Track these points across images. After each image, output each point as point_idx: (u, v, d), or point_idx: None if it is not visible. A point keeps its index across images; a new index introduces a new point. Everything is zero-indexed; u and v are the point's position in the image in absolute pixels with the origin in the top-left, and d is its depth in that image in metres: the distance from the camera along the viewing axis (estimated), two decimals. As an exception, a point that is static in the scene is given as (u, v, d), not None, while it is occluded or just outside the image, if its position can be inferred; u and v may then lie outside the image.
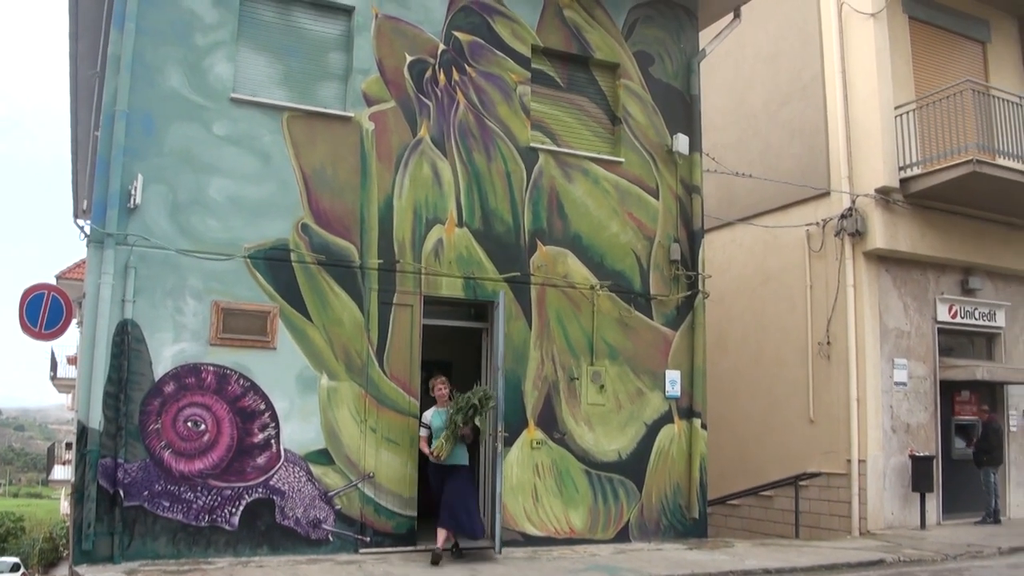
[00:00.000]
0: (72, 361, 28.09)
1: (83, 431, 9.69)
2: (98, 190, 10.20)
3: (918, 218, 14.75)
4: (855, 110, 14.86)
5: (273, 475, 10.32)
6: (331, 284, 10.91)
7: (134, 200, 10.06)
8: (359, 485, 10.71)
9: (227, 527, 10.04)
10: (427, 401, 11.09)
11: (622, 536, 12.09)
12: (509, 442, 11.43)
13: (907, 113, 14.55)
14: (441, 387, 10.83)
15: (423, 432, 10.72)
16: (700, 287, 13.01)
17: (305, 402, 10.55)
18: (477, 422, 10.62)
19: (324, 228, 10.98)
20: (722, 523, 15.53)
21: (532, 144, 12.32)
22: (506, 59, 12.37)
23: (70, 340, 31.96)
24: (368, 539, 10.67)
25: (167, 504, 9.84)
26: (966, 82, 14.04)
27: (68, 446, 33.14)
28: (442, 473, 10.54)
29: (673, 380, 12.69)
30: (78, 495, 9.69)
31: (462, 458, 10.63)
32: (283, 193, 10.86)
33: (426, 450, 10.62)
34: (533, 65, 12.58)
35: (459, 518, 10.33)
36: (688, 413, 12.75)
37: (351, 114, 11.35)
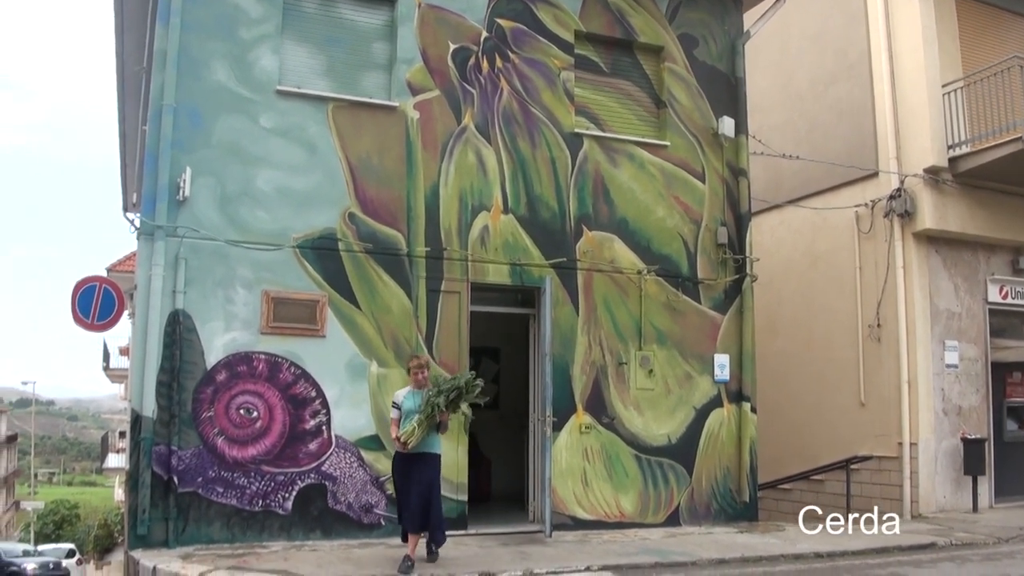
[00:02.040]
0: (124, 352, 28.52)
1: (137, 419, 9.90)
2: (147, 183, 10.38)
3: (967, 198, 14.49)
4: (902, 89, 14.62)
5: (325, 461, 10.45)
6: (379, 272, 10.99)
7: (183, 192, 10.22)
8: (410, 471, 10.78)
9: (281, 512, 10.19)
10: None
11: (672, 520, 12.07)
12: (558, 427, 11.45)
13: (955, 91, 14.27)
14: (423, 372, 9.32)
15: (394, 414, 9.24)
16: (748, 270, 12.93)
17: (355, 389, 10.66)
18: (464, 408, 9.73)
19: (371, 217, 11.06)
20: (773, 507, 15.41)
21: (576, 130, 12.29)
22: (549, 45, 12.34)
23: (122, 331, 32.40)
24: (419, 524, 10.74)
25: (221, 490, 10.01)
26: (1014, 58, 13.74)
27: (122, 435, 33.65)
28: (407, 463, 9.08)
29: (722, 364, 12.63)
30: (132, 482, 9.91)
31: (433, 445, 9.15)
32: (330, 183, 10.96)
33: (394, 434, 9.15)
34: (576, 50, 12.54)
35: (415, 518, 8.97)
36: (738, 397, 12.68)
37: (396, 103, 11.41)
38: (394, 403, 9.30)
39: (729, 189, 13.09)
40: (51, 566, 27.36)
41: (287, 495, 10.27)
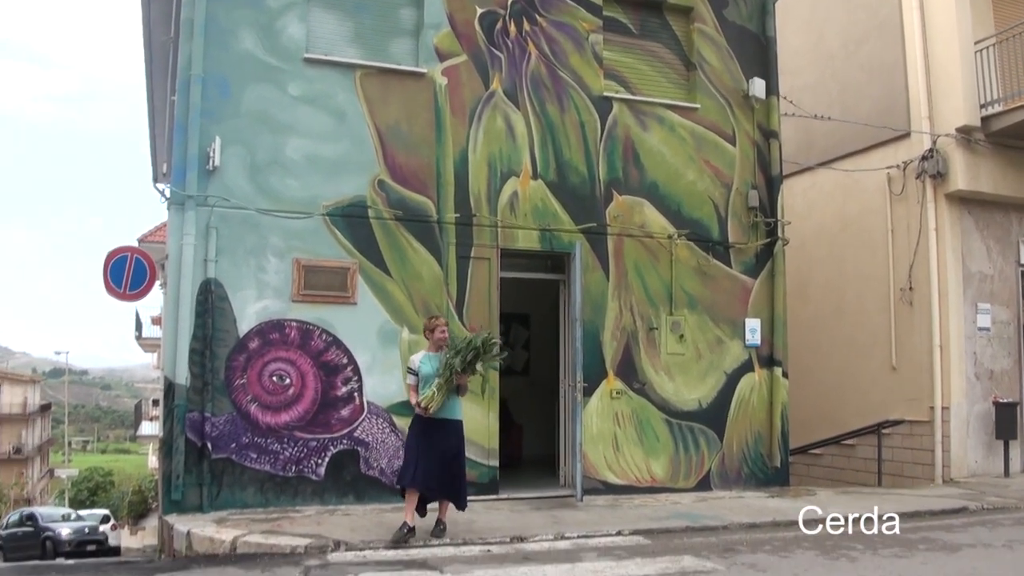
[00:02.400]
0: (156, 321, 28.77)
1: (170, 387, 10.01)
2: (177, 153, 10.43)
3: (1000, 157, 14.26)
4: (934, 46, 14.36)
5: (357, 427, 10.54)
6: (409, 239, 11.00)
7: (213, 162, 10.25)
8: (442, 437, 10.84)
9: (314, 477, 10.29)
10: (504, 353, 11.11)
11: (703, 485, 12.09)
12: (588, 392, 11.45)
13: (987, 48, 14.00)
14: (441, 331, 8.85)
15: (410, 380, 8.81)
16: (779, 234, 12.83)
17: (387, 355, 10.70)
18: (480, 368, 9.06)
19: (400, 184, 11.06)
20: (804, 472, 15.38)
21: (606, 93, 12.20)
22: (577, 7, 12.22)
23: (154, 301, 32.69)
24: (452, 489, 10.81)
25: (254, 456, 10.12)
26: (1048, 14, 13.48)
27: (155, 403, 33.98)
28: (428, 428, 8.56)
29: (753, 328, 12.58)
30: (166, 448, 10.06)
31: (454, 411, 8.73)
32: (359, 150, 10.95)
33: (413, 400, 8.68)
34: (605, 12, 12.41)
35: (438, 485, 8.57)
36: (769, 362, 12.63)
37: (424, 69, 11.36)
38: (410, 368, 8.84)
39: (760, 151, 12.97)
40: (86, 531, 26.79)
41: (320, 460, 10.36)
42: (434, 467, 8.44)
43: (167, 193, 10.61)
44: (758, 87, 12.80)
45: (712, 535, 9.18)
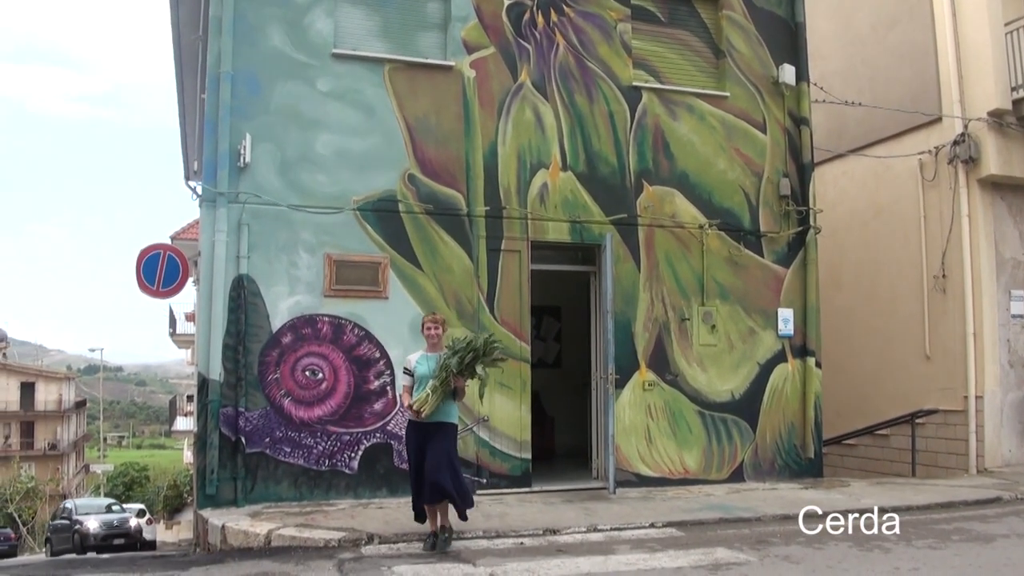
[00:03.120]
0: (190, 318, 28.95)
1: (204, 382, 10.09)
2: (208, 151, 10.50)
3: (1032, 141, 14.07)
4: (964, 29, 14.14)
5: (390, 420, 10.57)
6: (440, 233, 11.01)
7: (243, 159, 10.31)
8: (474, 429, 10.88)
9: (347, 471, 10.35)
10: (537, 347, 11.13)
11: (736, 476, 12.03)
12: (621, 384, 11.43)
13: (1018, 29, 13.79)
14: (434, 327, 8.44)
15: (405, 380, 8.37)
16: (811, 222, 12.72)
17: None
18: (480, 371, 8.24)
19: (430, 178, 11.07)
20: (838, 463, 15.26)
21: (635, 83, 12.14)
22: (605, -3, 12.16)
23: (188, 298, 32.92)
24: (484, 480, 10.86)
25: (288, 450, 10.18)
26: (1081, -8, 13.24)
27: (189, 398, 34.15)
28: (423, 434, 8.11)
29: (786, 318, 12.49)
30: (201, 443, 10.15)
31: (449, 414, 8.26)
32: (388, 145, 10.97)
33: (406, 403, 8.24)
34: (633, 1, 12.34)
35: (436, 488, 7.95)
36: (802, 352, 12.54)
37: (452, 63, 11.36)
38: (405, 369, 8.41)
39: (791, 139, 12.86)
40: (115, 523, 25.76)
41: (353, 454, 10.41)
42: (431, 472, 7.93)
43: (199, 190, 10.70)
44: (788, 73, 12.69)
45: (745, 527, 9.14)
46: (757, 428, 12.21)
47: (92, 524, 25.01)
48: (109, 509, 28.65)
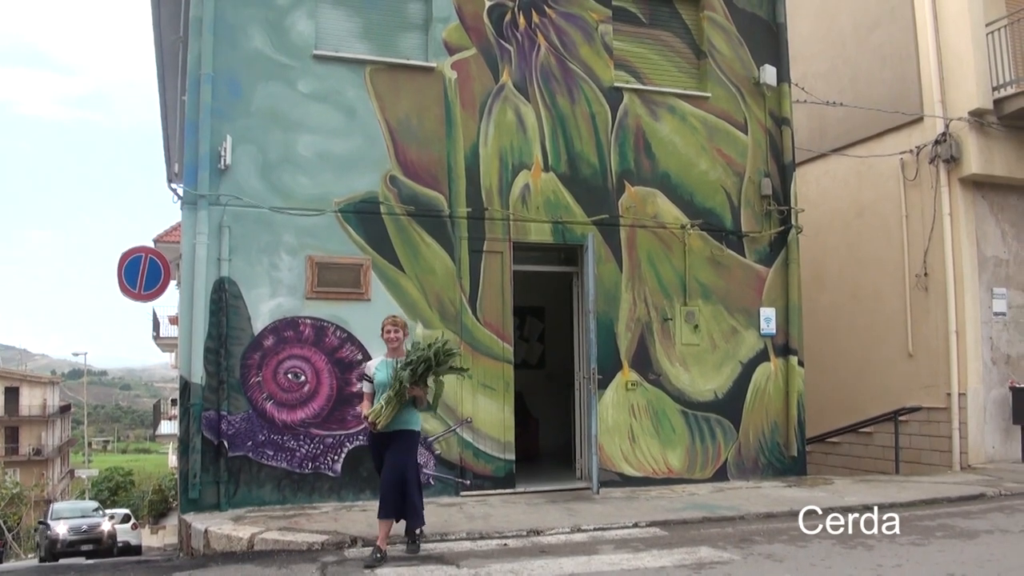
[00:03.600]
0: (174, 321, 28.80)
1: (186, 386, 10.05)
2: (188, 153, 10.45)
3: (1014, 140, 14.11)
4: (945, 30, 14.24)
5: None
6: (421, 234, 11.00)
7: (224, 161, 10.27)
8: (457, 430, 10.88)
9: (330, 473, 10.32)
10: (520, 348, 11.13)
11: (720, 475, 12.06)
12: (604, 384, 11.45)
13: (999, 30, 13.87)
14: (393, 330, 8.08)
15: (364, 387, 8.10)
16: (793, 222, 12.76)
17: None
18: (430, 382, 7.85)
19: (412, 179, 11.05)
20: (822, 461, 15.33)
21: (616, 84, 12.15)
22: (586, -2, 12.18)
23: (171, 301, 32.82)
24: (468, 482, 10.86)
25: (271, 453, 10.14)
26: (1061, -8, 13.34)
27: (173, 402, 34.02)
28: (381, 445, 7.87)
29: (768, 317, 12.53)
30: (183, 447, 10.10)
31: (409, 422, 7.89)
32: (370, 146, 10.95)
33: (363, 412, 8.01)
34: (614, 2, 12.36)
35: (388, 503, 7.66)
36: (784, 350, 12.58)
37: (433, 64, 11.35)
38: (363, 375, 8.18)
39: (772, 139, 12.90)
40: (84, 528, 24.68)
41: (336, 457, 10.38)
42: (385, 484, 7.69)
43: (180, 192, 10.64)
44: (769, 74, 12.74)
45: (729, 525, 9.16)
46: (740, 427, 12.24)
47: (60, 529, 24.43)
48: (88, 513, 27.70)
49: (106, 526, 25.19)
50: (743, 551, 7.77)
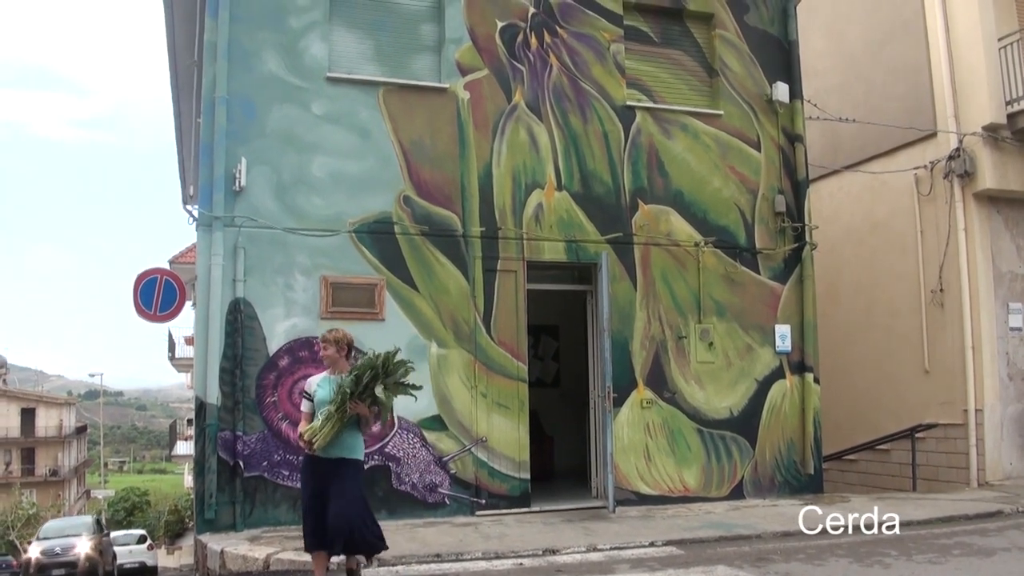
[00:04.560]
0: (190, 342, 28.87)
1: (201, 406, 10.09)
2: (203, 175, 10.53)
3: (1028, 155, 14.10)
4: (957, 44, 14.21)
5: (388, 442, 10.56)
6: (435, 254, 11.03)
7: (239, 183, 10.35)
8: (472, 450, 10.87)
9: (347, 495, 10.29)
10: (535, 366, 11.12)
11: (736, 493, 12.00)
12: (619, 402, 11.42)
13: (1011, 44, 13.85)
14: (323, 348, 7.32)
15: (304, 407, 7.24)
16: (807, 238, 12.73)
17: (416, 371, 10.61)
18: (380, 394, 6.88)
19: (426, 199, 11.09)
20: (839, 478, 15.25)
21: (628, 102, 12.19)
22: (598, 18, 12.22)
23: (187, 321, 32.93)
24: (483, 502, 10.84)
25: (287, 473, 10.15)
26: (1074, 6, 13.31)
27: (189, 422, 34.07)
28: (317, 471, 6.99)
29: (783, 335, 12.49)
30: (199, 468, 10.13)
31: (352, 448, 7.07)
32: (383, 167, 11.01)
33: (299, 431, 7.12)
34: (625, 22, 12.41)
35: (337, 539, 6.86)
36: (800, 368, 12.53)
37: (446, 85, 11.41)
38: (305, 393, 7.26)
39: (785, 156, 12.90)
40: (57, 551, 21.26)
41: (352, 477, 10.37)
42: (332, 519, 6.82)
43: (195, 214, 10.72)
44: (781, 91, 12.75)
45: (745, 544, 9.12)
46: (756, 445, 12.19)
47: (34, 551, 21.72)
48: (67, 532, 23.25)
49: (83, 547, 21.20)
50: (760, 570, 7.73)
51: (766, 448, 12.23)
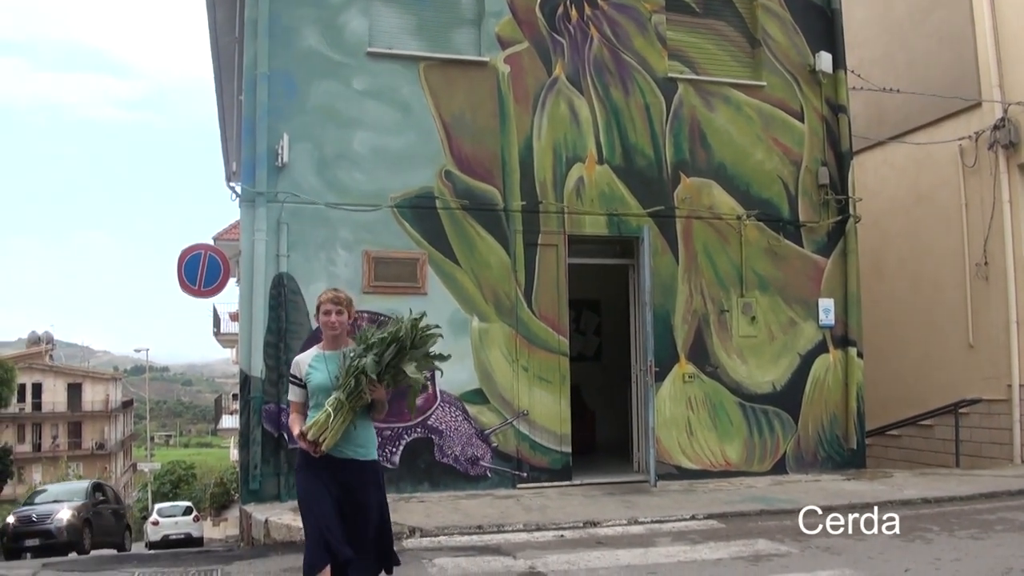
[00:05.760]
0: (234, 317, 29.14)
1: (246, 379, 10.25)
2: (246, 151, 10.63)
3: (1073, 125, 13.79)
4: (1002, 12, 13.88)
5: (431, 415, 10.63)
6: (477, 228, 11.05)
7: (281, 159, 10.42)
8: (514, 423, 10.92)
9: (388, 465, 10.38)
10: (577, 341, 11.10)
11: (779, 468, 11.95)
12: (661, 376, 11.39)
13: (1058, 11, 13.57)
14: (334, 309, 5.44)
15: (292, 395, 5.52)
16: (851, 211, 12.59)
17: (458, 344, 10.70)
18: (411, 372, 5.25)
19: (467, 174, 11.11)
20: (882, 455, 15.12)
21: (670, 74, 12.09)
22: (639, -11, 12.12)
23: (232, 297, 33.20)
24: (525, 475, 10.90)
25: (330, 445, 10.23)
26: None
27: (235, 397, 34.43)
28: (325, 476, 5.26)
29: (827, 308, 12.38)
30: (244, 440, 10.31)
31: (367, 443, 5.40)
32: (425, 142, 11.04)
33: (296, 430, 5.29)
34: (667, -8, 12.29)
35: (364, 556, 5.23)
36: (843, 342, 12.43)
37: (486, 58, 11.40)
38: (292, 377, 5.50)
39: (829, 127, 12.74)
40: (33, 518, 17.76)
41: (394, 449, 10.48)
42: (360, 532, 5.25)
43: (238, 191, 10.81)
44: (825, 61, 12.57)
45: (787, 518, 9.03)
46: (799, 420, 12.12)
47: (11, 519, 18.53)
48: (54, 498, 19.41)
49: (64, 515, 17.50)
50: (801, 544, 7.70)
51: (809, 423, 12.16)
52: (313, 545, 5.16)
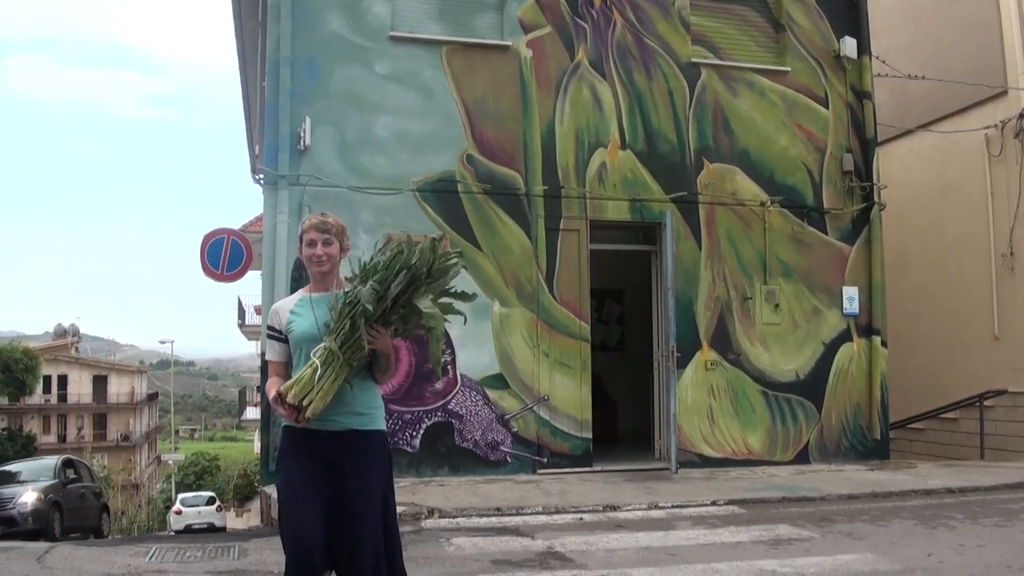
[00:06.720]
0: (259, 310, 29.34)
1: (266, 362, 10.20)
2: (269, 135, 10.67)
3: (1098, 113, 13.62)
4: (1028, -1, 13.80)
5: (451, 399, 10.62)
6: (498, 213, 11.03)
7: (304, 142, 10.44)
8: (534, 408, 10.89)
9: (409, 449, 10.41)
10: (599, 330, 11.03)
11: (801, 457, 11.86)
12: (683, 363, 11.34)
13: (1084, -2, 13.40)
14: (320, 238, 4.26)
15: (271, 353, 4.24)
16: (876, 198, 12.47)
17: (479, 329, 10.72)
18: (428, 309, 3.97)
19: (488, 158, 11.09)
20: (906, 448, 14.96)
21: (694, 59, 12.01)
22: (662, -27, 12.05)
23: (256, 289, 33.37)
24: (545, 460, 10.87)
25: (348, 427, 10.24)
26: None
27: (258, 389, 34.53)
28: (312, 453, 4.00)
29: (851, 297, 12.26)
30: (264, 422, 10.38)
31: (368, 411, 4.11)
32: (447, 126, 11.02)
33: (272, 393, 3.95)
34: (691, -24, 12.20)
35: (360, 556, 3.89)
36: (867, 331, 12.31)
37: (509, 43, 11.36)
38: (271, 329, 4.23)
39: (854, 114, 12.62)
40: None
41: (415, 433, 10.48)
42: (331, 522, 3.91)
43: (261, 174, 10.84)
44: (850, 47, 12.44)
45: (809, 505, 9.04)
46: (822, 409, 12.02)
47: None
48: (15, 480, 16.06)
49: (27, 499, 14.73)
50: (822, 529, 7.65)
51: (832, 412, 12.06)
52: (289, 565, 3.86)
